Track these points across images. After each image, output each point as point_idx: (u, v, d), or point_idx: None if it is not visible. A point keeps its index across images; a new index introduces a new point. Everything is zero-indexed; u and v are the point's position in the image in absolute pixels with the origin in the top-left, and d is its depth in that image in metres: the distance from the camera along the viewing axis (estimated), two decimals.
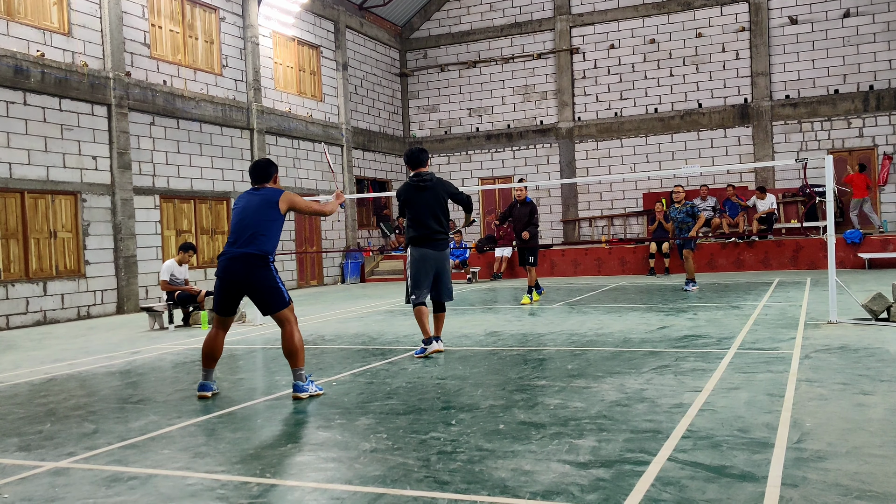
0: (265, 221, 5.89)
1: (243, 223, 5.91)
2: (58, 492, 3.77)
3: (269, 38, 18.97)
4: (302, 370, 5.80)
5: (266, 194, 5.99)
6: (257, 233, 5.84)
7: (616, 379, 5.90)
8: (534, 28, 23.49)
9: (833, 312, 8.53)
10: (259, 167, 6.17)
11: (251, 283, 5.83)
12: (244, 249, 5.81)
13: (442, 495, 3.43)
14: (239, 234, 5.89)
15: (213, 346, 5.98)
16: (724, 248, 18.08)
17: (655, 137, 22.11)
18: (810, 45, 20.47)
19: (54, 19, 13.61)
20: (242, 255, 5.80)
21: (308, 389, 5.76)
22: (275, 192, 6.01)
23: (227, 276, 5.88)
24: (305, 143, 20.09)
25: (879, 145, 19.86)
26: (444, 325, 7.94)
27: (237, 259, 5.82)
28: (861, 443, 3.94)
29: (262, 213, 5.90)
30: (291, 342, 5.78)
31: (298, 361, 5.78)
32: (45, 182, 13.15)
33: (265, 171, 6.15)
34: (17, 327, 12.49)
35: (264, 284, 5.82)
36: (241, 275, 5.82)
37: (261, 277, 5.81)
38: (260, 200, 5.95)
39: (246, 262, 5.80)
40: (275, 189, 6.09)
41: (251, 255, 5.79)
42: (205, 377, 6.00)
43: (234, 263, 5.84)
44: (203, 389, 5.96)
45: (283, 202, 5.95)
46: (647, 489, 3.38)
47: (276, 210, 5.92)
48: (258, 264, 5.80)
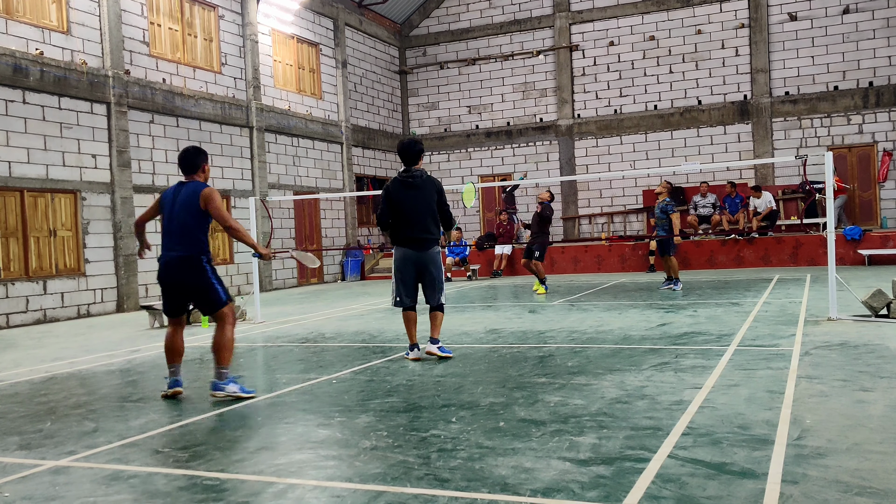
0: (192, 219, 5.75)
1: (172, 222, 5.80)
2: (58, 490, 3.77)
3: (269, 36, 18.95)
4: (225, 369, 5.70)
5: (190, 190, 5.81)
6: (186, 232, 5.73)
7: (616, 376, 5.90)
8: (533, 25, 23.46)
9: (833, 309, 8.53)
10: (187, 156, 5.95)
11: (188, 285, 5.79)
12: (177, 252, 5.74)
13: (442, 493, 3.43)
14: (170, 235, 5.80)
15: (173, 344, 5.98)
16: (723, 245, 18.08)
17: (655, 134, 22.10)
18: (810, 42, 20.45)
19: (53, 18, 13.60)
20: (177, 258, 5.74)
21: (225, 389, 5.65)
22: (197, 188, 5.81)
23: (165, 280, 5.84)
24: (305, 140, 20.08)
25: (879, 142, 19.85)
26: (442, 325, 7.60)
27: (172, 262, 5.76)
28: (861, 439, 3.94)
29: (186, 212, 5.75)
30: (222, 338, 5.73)
31: (223, 359, 5.71)
32: (44, 180, 13.15)
33: (193, 162, 5.93)
34: (17, 326, 12.49)
35: (200, 285, 5.77)
36: (178, 277, 5.78)
37: (196, 279, 5.75)
38: (185, 196, 5.79)
39: (180, 265, 5.74)
40: (198, 183, 5.88)
41: (184, 258, 5.73)
42: (172, 373, 5.96)
43: (169, 267, 5.78)
44: (173, 386, 5.92)
45: (202, 199, 5.75)
46: (648, 486, 3.39)
47: (198, 207, 5.74)
48: (192, 265, 5.73)
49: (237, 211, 17.50)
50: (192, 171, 5.94)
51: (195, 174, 5.95)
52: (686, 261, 18.28)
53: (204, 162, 6.00)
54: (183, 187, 5.88)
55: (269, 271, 18.36)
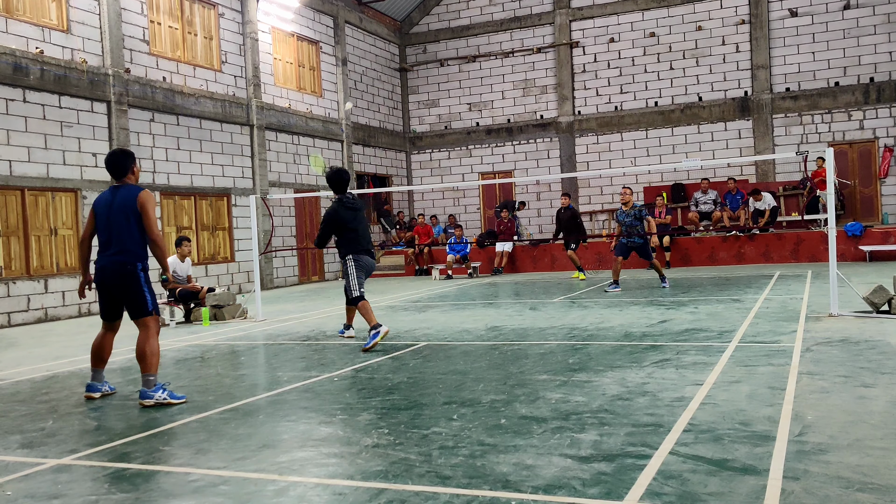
0: (129, 224, 5.73)
1: (109, 229, 5.78)
2: (60, 489, 3.78)
3: (269, 34, 18.93)
4: (152, 376, 5.65)
5: (125, 194, 5.78)
6: (123, 238, 5.72)
7: (617, 373, 5.90)
8: (533, 22, 23.44)
9: (834, 305, 8.53)
10: (115, 160, 5.88)
11: (120, 290, 5.81)
12: (113, 257, 5.74)
13: (444, 490, 3.43)
14: (107, 240, 5.78)
15: (101, 347, 5.97)
16: (724, 242, 18.07)
17: (656, 131, 22.09)
18: (810, 38, 20.42)
19: (53, 16, 13.59)
20: (111, 264, 5.74)
21: (153, 396, 5.59)
22: (132, 192, 5.78)
23: (100, 284, 5.85)
24: (305, 138, 20.07)
25: (880, 137, 19.83)
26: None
27: (108, 267, 5.76)
28: (862, 435, 3.95)
29: (122, 217, 5.73)
30: (144, 346, 5.70)
31: (149, 366, 5.66)
32: (45, 179, 13.15)
33: (122, 165, 5.87)
34: (18, 325, 12.50)
35: (131, 291, 5.78)
36: (111, 282, 5.78)
37: (129, 285, 5.76)
38: (121, 200, 5.76)
39: (114, 271, 5.74)
40: (133, 187, 5.85)
41: (120, 264, 5.72)
42: (93, 377, 5.97)
43: (104, 272, 5.78)
44: (90, 390, 5.92)
45: (138, 202, 5.72)
46: (649, 483, 3.39)
47: (133, 212, 5.72)
48: (127, 273, 5.73)
49: (238, 209, 17.50)
50: (121, 175, 5.90)
51: (125, 177, 5.90)
52: (687, 257, 18.28)
53: (132, 164, 5.95)
54: (118, 191, 5.84)
55: (270, 269, 18.37)
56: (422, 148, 24.95)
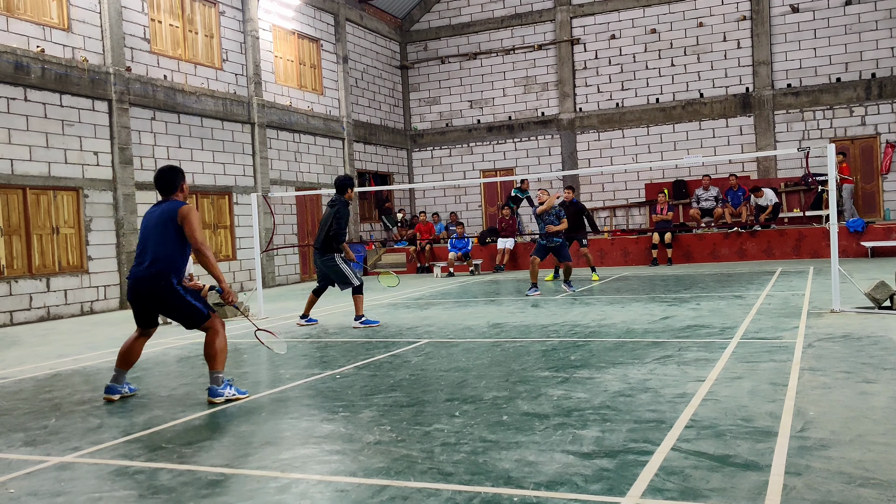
0: (164, 238, 5.64)
1: (145, 241, 5.72)
2: (64, 486, 3.79)
3: (269, 32, 18.93)
4: (219, 374, 5.64)
5: (167, 207, 5.69)
6: (157, 251, 5.64)
7: (619, 369, 5.90)
8: (534, 19, 23.42)
9: (836, 301, 8.52)
10: (163, 176, 5.79)
11: (159, 304, 5.74)
12: (147, 271, 5.65)
13: (446, 487, 3.44)
14: (142, 253, 5.72)
15: (130, 350, 5.89)
16: (726, 238, 18.07)
17: (657, 128, 22.06)
18: (812, 34, 20.39)
19: (54, 15, 13.59)
20: (145, 277, 5.65)
21: (223, 394, 5.57)
22: (175, 205, 5.69)
23: (134, 298, 5.77)
24: (307, 136, 20.07)
25: (882, 133, 19.79)
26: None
27: (141, 280, 5.68)
28: (864, 431, 3.95)
29: (160, 229, 5.64)
30: (213, 345, 5.67)
31: (217, 365, 5.64)
32: (46, 178, 13.16)
33: (170, 182, 5.78)
34: (20, 323, 12.52)
35: (173, 305, 5.71)
36: (146, 296, 5.71)
37: (168, 299, 5.68)
38: (161, 213, 5.68)
39: (149, 285, 5.66)
40: (175, 202, 5.75)
41: (152, 277, 5.63)
42: (114, 378, 5.87)
43: (138, 284, 5.71)
44: (109, 392, 5.83)
45: (179, 215, 5.62)
46: (651, 479, 3.39)
47: (173, 225, 5.62)
48: (161, 286, 5.64)
49: (239, 207, 17.50)
50: (169, 192, 5.80)
51: (173, 194, 5.81)
52: (689, 254, 18.28)
53: (182, 181, 5.84)
54: (161, 205, 5.77)
55: (272, 267, 18.38)
56: (423, 145, 24.94)
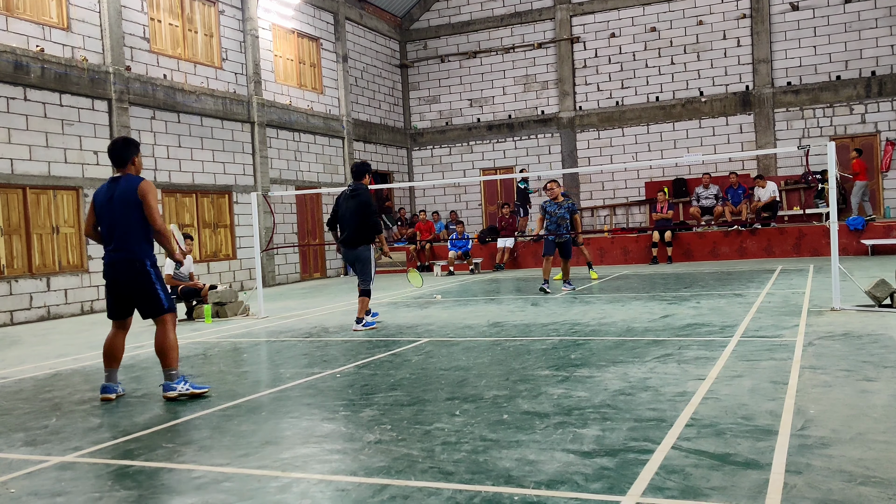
0: (132, 217, 5.57)
1: (110, 222, 5.63)
2: (64, 486, 3.79)
3: (269, 31, 18.92)
4: (173, 370, 5.66)
5: (125, 186, 5.59)
6: (128, 232, 5.58)
7: (619, 368, 5.90)
8: (534, 17, 23.40)
9: (836, 299, 8.52)
10: (116, 148, 5.70)
11: (132, 289, 5.71)
12: (118, 254, 5.61)
13: (446, 486, 3.44)
14: (108, 234, 5.64)
15: (112, 346, 5.89)
16: (726, 236, 18.06)
17: (657, 126, 22.05)
18: (812, 32, 20.37)
19: (53, 14, 13.58)
20: (119, 261, 5.62)
21: (177, 388, 5.61)
22: (132, 182, 5.60)
23: (110, 281, 5.75)
24: (307, 135, 20.07)
25: (882, 131, 19.78)
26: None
27: (114, 265, 5.65)
28: (865, 429, 3.94)
29: (126, 207, 5.56)
30: (164, 341, 5.67)
31: (169, 361, 5.66)
32: (46, 177, 13.16)
33: (123, 153, 5.69)
34: (20, 323, 12.52)
35: (143, 291, 5.68)
36: (121, 280, 5.68)
37: (141, 284, 5.65)
38: (122, 192, 5.58)
39: (124, 269, 5.63)
40: (133, 177, 5.66)
41: (127, 261, 5.60)
42: (107, 378, 5.86)
43: (111, 269, 5.68)
44: (105, 391, 5.82)
45: (139, 192, 5.55)
46: (652, 477, 3.39)
47: (136, 202, 5.55)
48: (136, 270, 5.61)
49: (239, 206, 17.50)
50: (122, 164, 5.73)
51: (125, 167, 5.73)
52: (689, 252, 18.28)
53: (135, 154, 5.76)
54: (117, 183, 5.66)
55: (272, 266, 18.37)
56: (423, 144, 24.94)
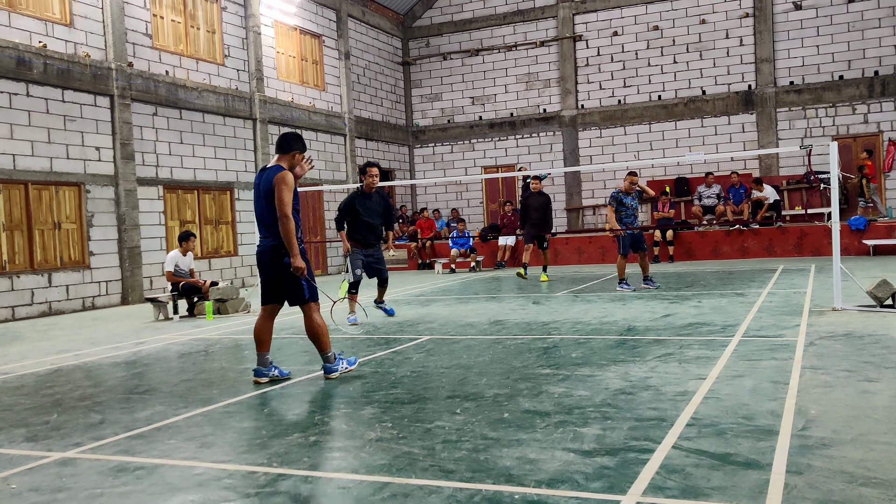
0: (271, 209, 5.80)
1: (257, 211, 5.94)
2: (65, 482, 3.79)
3: (271, 28, 18.91)
4: (329, 353, 5.98)
5: (267, 175, 5.84)
6: (270, 221, 5.82)
7: (620, 367, 5.90)
8: (536, 15, 23.37)
9: (838, 299, 8.51)
10: (286, 137, 5.99)
11: (276, 275, 5.91)
12: (268, 242, 5.88)
13: (447, 484, 3.44)
14: (260, 222, 5.93)
15: (261, 330, 6.05)
16: (728, 236, 18.05)
17: (659, 125, 22.03)
18: (815, 31, 20.34)
19: (56, 10, 13.58)
20: (268, 248, 5.88)
21: (338, 369, 5.98)
22: (272, 173, 5.81)
23: (260, 266, 6.01)
24: (308, 132, 20.05)
25: (885, 131, 19.75)
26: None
27: (264, 251, 5.92)
28: (866, 430, 3.94)
29: (267, 198, 5.81)
30: (313, 328, 5.93)
31: (324, 346, 5.96)
32: (48, 173, 13.16)
33: (283, 144, 5.95)
34: (22, 318, 12.53)
35: (288, 279, 5.87)
36: (268, 266, 5.92)
37: (286, 273, 5.85)
38: (264, 183, 5.83)
39: (272, 256, 5.86)
40: (276, 167, 5.86)
41: (275, 249, 5.84)
42: (259, 361, 6.06)
43: (263, 255, 5.95)
44: (257, 375, 6.02)
45: (273, 182, 5.73)
46: (652, 477, 3.39)
47: (272, 191, 5.73)
48: (280, 256, 5.83)
49: (241, 203, 17.50)
50: (281, 151, 5.93)
51: (282, 155, 5.92)
52: (690, 251, 18.27)
53: (296, 148, 5.95)
54: (264, 173, 5.91)
55: None
56: (424, 142, 24.93)
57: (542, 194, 14.09)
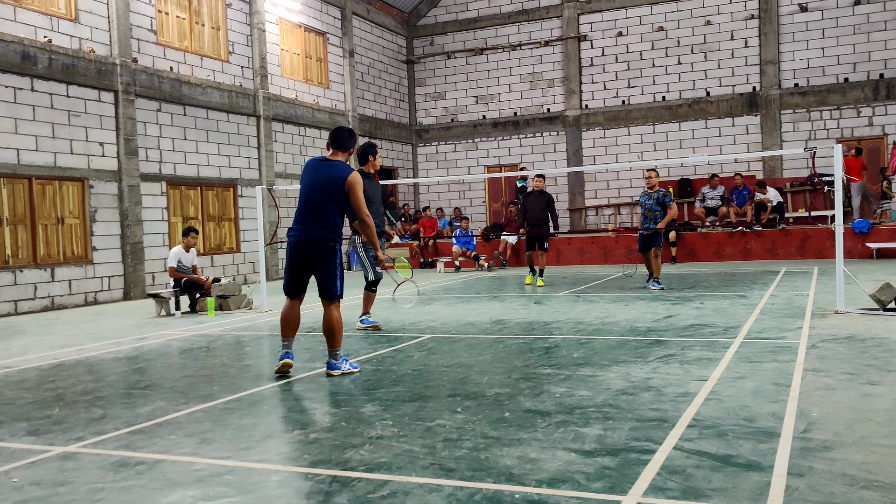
0: (332, 201, 5.82)
1: (312, 200, 5.88)
2: (66, 476, 3.80)
3: (276, 25, 18.91)
4: (338, 350, 6.03)
5: (335, 171, 5.86)
6: (324, 213, 5.83)
7: (622, 368, 5.90)
8: (541, 15, 23.36)
9: (840, 302, 8.50)
10: (341, 133, 6.02)
11: (317, 267, 5.95)
12: (313, 233, 5.85)
13: (447, 482, 3.44)
14: (307, 212, 5.88)
15: (288, 316, 6.15)
16: (731, 237, 18.03)
17: (663, 126, 22.01)
18: (820, 33, 20.31)
19: (61, 5, 13.59)
20: (312, 237, 5.86)
21: (341, 367, 6.01)
22: (344, 171, 5.87)
23: (294, 257, 5.98)
24: (312, 130, 20.07)
25: (889, 134, 19.72)
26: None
27: (307, 242, 5.89)
28: (868, 433, 3.94)
29: (330, 192, 5.81)
30: (330, 323, 5.99)
31: (336, 343, 6.02)
32: (52, 168, 13.18)
33: (344, 140, 5.97)
34: (25, 313, 12.55)
35: (327, 268, 5.92)
36: (309, 257, 5.92)
37: (326, 262, 5.90)
38: (328, 177, 5.84)
39: (315, 247, 5.87)
40: (344, 165, 5.93)
41: (321, 238, 5.86)
42: (284, 346, 6.14)
43: (304, 246, 5.92)
44: (284, 358, 6.09)
45: (347, 184, 5.82)
46: (653, 478, 3.39)
47: (342, 190, 5.82)
48: (326, 249, 5.87)
49: (244, 200, 17.51)
50: (339, 147, 5.99)
51: (339, 151, 5.98)
52: (693, 253, 18.25)
53: (353, 147, 6.05)
54: (326, 165, 5.90)
55: (275, 260, 18.39)
56: (428, 140, 24.93)
57: (543, 194, 13.69)
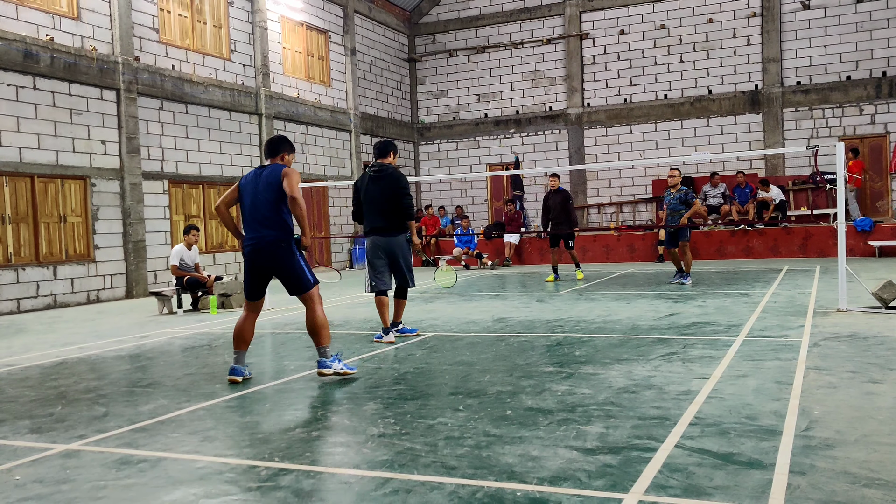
0: (277, 200, 5.78)
1: (257, 205, 5.82)
2: (69, 474, 3.81)
3: (278, 23, 18.91)
4: (326, 348, 5.84)
5: (271, 170, 5.84)
6: (273, 215, 5.77)
7: (624, 366, 5.90)
8: (543, 13, 23.33)
9: (842, 300, 8.49)
10: (270, 142, 6.07)
11: (277, 268, 5.84)
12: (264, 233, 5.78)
13: (449, 480, 3.44)
14: (256, 218, 5.82)
15: (243, 329, 5.96)
16: (733, 236, 18.02)
17: (665, 124, 21.99)
18: (822, 31, 20.27)
19: (63, 3, 13.60)
20: (264, 242, 5.78)
21: (332, 366, 5.79)
22: (277, 168, 5.84)
23: (254, 263, 5.89)
24: (314, 128, 20.07)
25: (892, 132, 19.69)
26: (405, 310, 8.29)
27: (261, 245, 5.80)
28: (870, 431, 3.93)
29: (272, 191, 5.77)
30: (314, 321, 5.83)
31: (321, 340, 5.84)
32: (54, 166, 13.19)
33: (278, 146, 6.02)
34: (27, 311, 12.57)
35: (287, 268, 5.82)
36: (268, 261, 5.83)
37: (284, 261, 5.80)
38: (267, 177, 5.81)
39: (271, 249, 5.78)
40: (279, 164, 5.91)
41: (273, 241, 5.77)
42: (236, 360, 5.95)
43: (259, 251, 5.82)
44: (233, 373, 5.91)
45: (282, 174, 5.76)
46: (655, 476, 3.39)
47: (278, 185, 5.74)
48: (283, 249, 5.79)
49: None
50: (273, 155, 6.01)
51: (275, 157, 6.00)
52: (695, 251, 18.22)
53: (286, 151, 6.05)
54: (264, 170, 5.91)
55: None
56: (430, 139, 24.92)
57: (559, 192, 13.98)
